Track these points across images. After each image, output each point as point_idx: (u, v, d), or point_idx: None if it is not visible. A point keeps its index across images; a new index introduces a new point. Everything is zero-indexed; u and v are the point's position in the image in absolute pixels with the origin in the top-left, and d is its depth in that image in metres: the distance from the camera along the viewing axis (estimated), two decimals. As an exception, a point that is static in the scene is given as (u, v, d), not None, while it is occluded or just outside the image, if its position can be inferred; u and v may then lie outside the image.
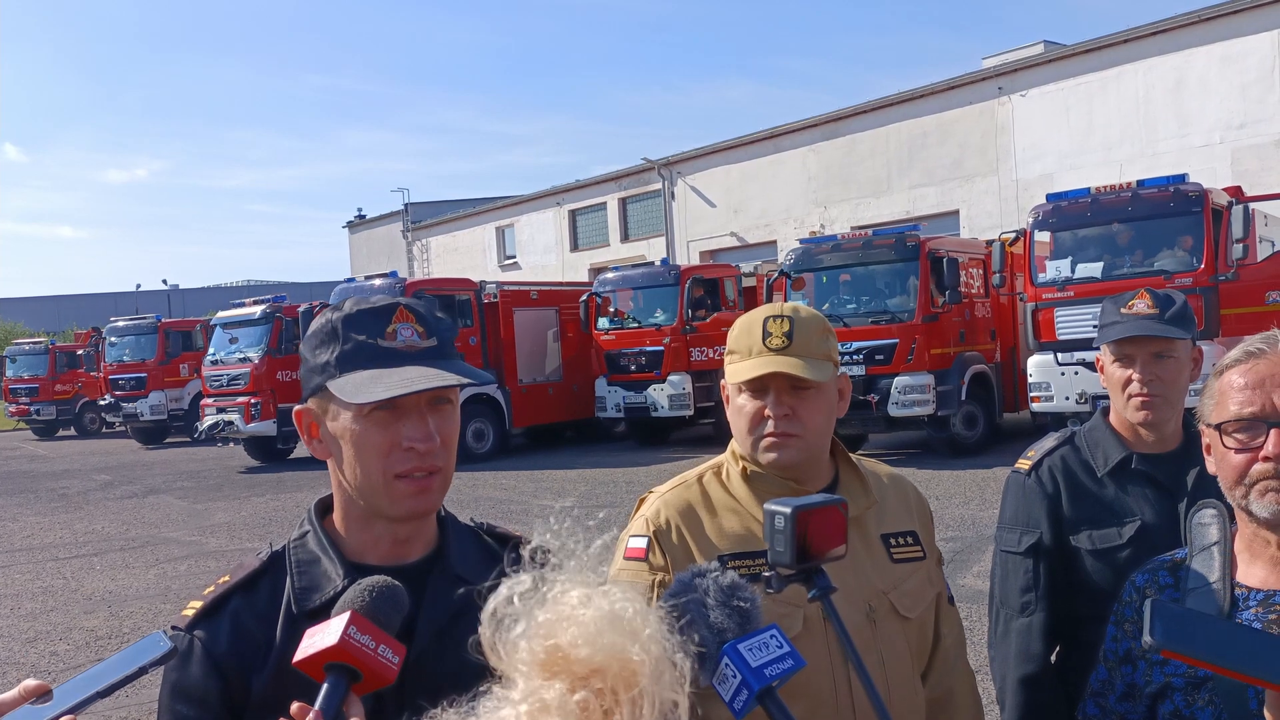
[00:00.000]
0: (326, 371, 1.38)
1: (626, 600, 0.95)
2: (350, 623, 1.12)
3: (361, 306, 1.42)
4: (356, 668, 1.12)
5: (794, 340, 1.77)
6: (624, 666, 0.88)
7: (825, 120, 28.90)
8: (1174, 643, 1.21)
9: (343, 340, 1.38)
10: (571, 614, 0.92)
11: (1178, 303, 2.26)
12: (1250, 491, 1.44)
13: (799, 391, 1.78)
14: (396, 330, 1.39)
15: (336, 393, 1.36)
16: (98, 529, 12.86)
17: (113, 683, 1.13)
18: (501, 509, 12.21)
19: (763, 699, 1.07)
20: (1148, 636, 1.22)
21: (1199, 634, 1.23)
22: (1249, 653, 1.21)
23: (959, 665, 1.98)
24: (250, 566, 1.45)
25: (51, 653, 7.29)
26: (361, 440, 1.37)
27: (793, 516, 1.27)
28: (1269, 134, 20.81)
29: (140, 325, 26.02)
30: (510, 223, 40.21)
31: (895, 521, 1.91)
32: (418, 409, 1.37)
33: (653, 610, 0.94)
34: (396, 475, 1.37)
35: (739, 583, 1.14)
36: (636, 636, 0.89)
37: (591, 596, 0.95)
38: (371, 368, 1.36)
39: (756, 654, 1.08)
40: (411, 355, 1.38)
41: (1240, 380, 1.46)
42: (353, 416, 1.37)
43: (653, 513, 1.85)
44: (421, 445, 1.37)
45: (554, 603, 0.95)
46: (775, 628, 1.12)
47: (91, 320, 38.52)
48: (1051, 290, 12.98)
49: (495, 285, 19.28)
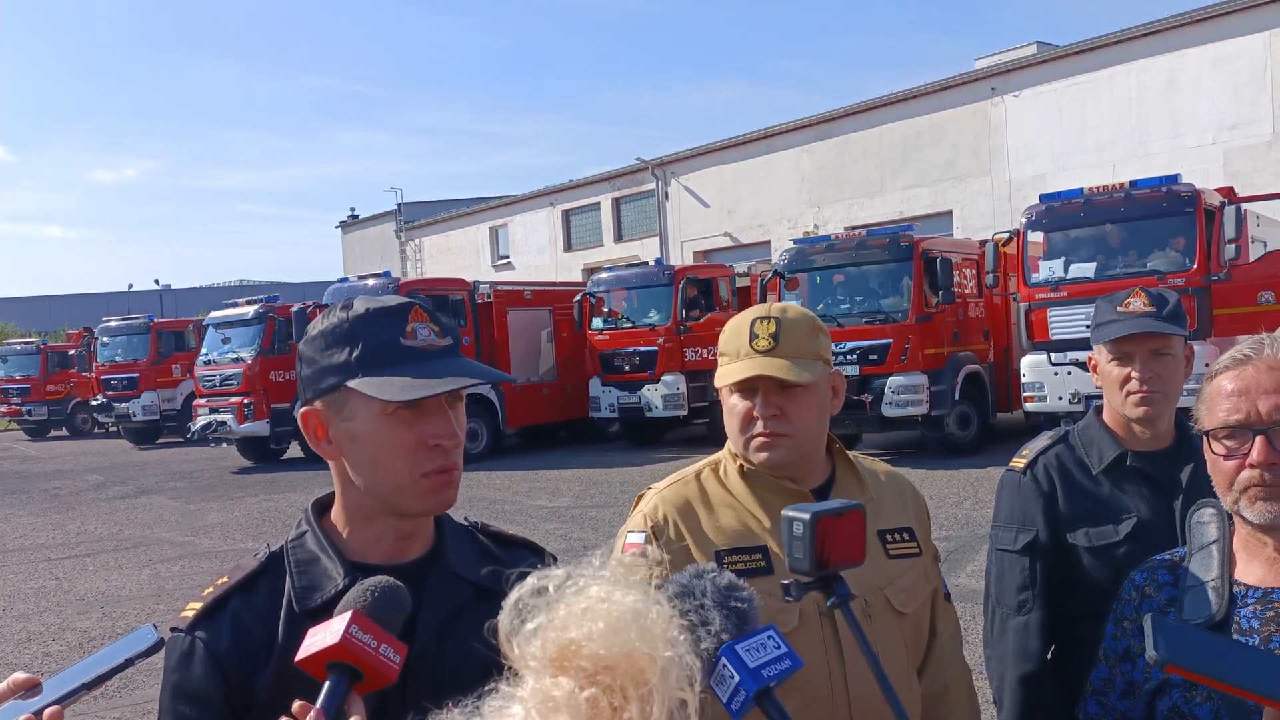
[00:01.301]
0: (346, 371, 1.37)
1: (646, 599, 0.95)
2: (352, 621, 1.12)
3: (374, 306, 1.41)
4: (358, 667, 1.13)
5: (780, 341, 1.79)
6: (633, 664, 0.87)
7: (819, 120, 28.93)
8: (1178, 658, 1.24)
9: (363, 339, 1.38)
10: (590, 608, 0.91)
11: (1172, 301, 2.29)
12: (1241, 498, 1.45)
13: (787, 391, 1.80)
14: (415, 329, 1.40)
15: (371, 392, 1.34)
16: (90, 530, 12.82)
17: (100, 674, 1.14)
18: (496, 509, 12.20)
19: (760, 700, 1.07)
20: (1152, 651, 1.24)
21: (1201, 650, 1.26)
22: (1249, 670, 1.24)
23: (955, 661, 2.00)
24: (248, 567, 1.44)
25: (44, 654, 7.27)
26: (386, 439, 1.37)
27: (812, 523, 1.26)
28: (1261, 135, 20.88)
29: (133, 325, 25.94)
30: (504, 223, 40.19)
31: (892, 518, 1.92)
32: (440, 407, 1.39)
33: (669, 609, 0.93)
34: (423, 474, 1.38)
35: (736, 583, 1.14)
36: (649, 635, 0.88)
37: (612, 593, 0.94)
38: (399, 366, 1.36)
39: (754, 655, 1.08)
40: (435, 354, 1.39)
41: (1229, 386, 1.47)
42: (375, 416, 1.37)
43: (651, 509, 1.87)
44: (448, 442, 1.39)
45: (574, 597, 0.94)
46: (773, 628, 1.12)
47: (83, 320, 38.38)
48: (1045, 290, 13.01)
49: (489, 285, 19.28)
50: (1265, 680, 1.22)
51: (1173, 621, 1.32)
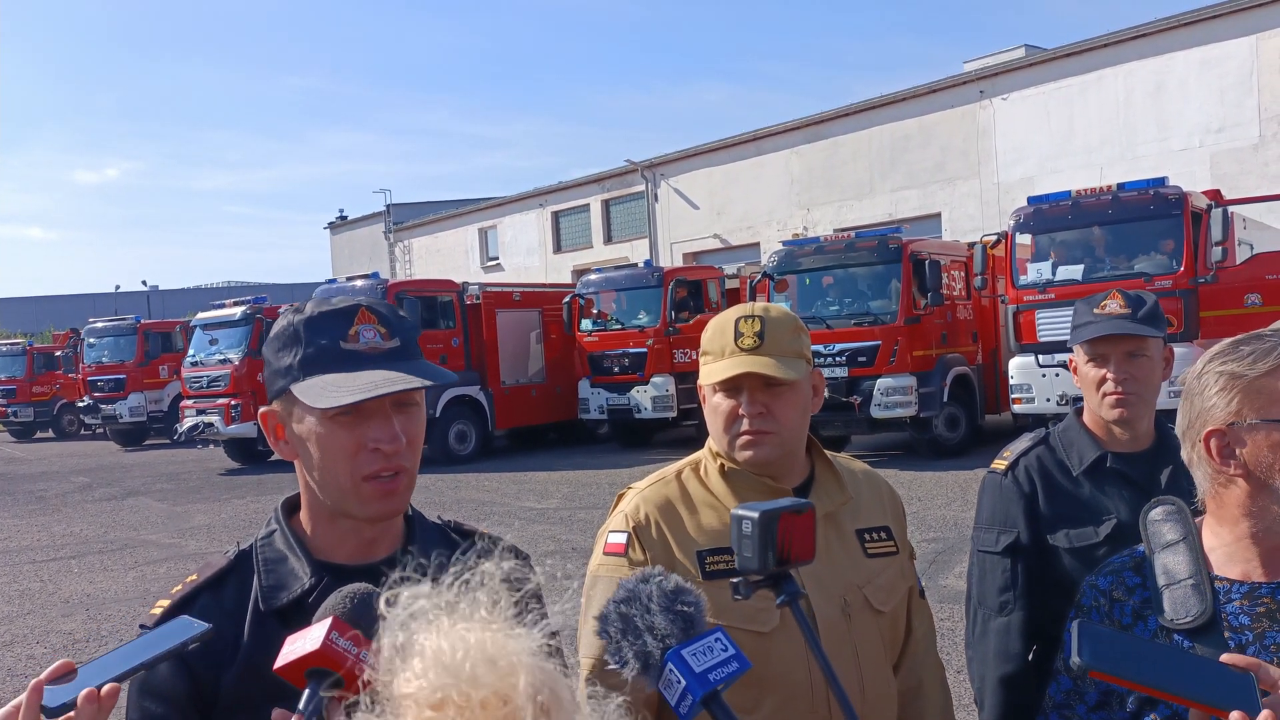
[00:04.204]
0: (290, 374, 1.38)
1: (501, 633, 0.85)
2: (332, 628, 1.11)
3: (322, 308, 1.41)
4: (338, 673, 1.12)
5: (765, 340, 1.80)
6: (502, 696, 0.81)
7: (808, 123, 28.99)
8: (1101, 664, 1.23)
9: (305, 343, 1.38)
10: (442, 648, 0.82)
11: (1149, 303, 2.29)
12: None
13: (772, 389, 1.81)
14: (359, 332, 1.39)
15: (300, 396, 1.35)
16: (76, 531, 12.75)
17: (155, 656, 1.16)
18: (484, 511, 12.18)
19: (708, 703, 1.06)
20: (1075, 657, 1.23)
21: (1126, 655, 1.25)
22: (1173, 672, 1.23)
23: (929, 657, 2.02)
24: (217, 565, 1.45)
25: (29, 656, 7.23)
26: (327, 443, 1.37)
27: (759, 522, 1.26)
28: (1247, 138, 20.99)
29: (119, 326, 25.81)
30: (493, 224, 40.14)
31: (869, 517, 1.94)
32: (382, 411, 1.37)
33: (528, 636, 0.84)
34: (364, 477, 1.37)
35: (683, 587, 1.14)
36: (511, 669, 0.82)
37: (470, 630, 0.84)
38: (335, 370, 1.36)
39: (700, 659, 1.07)
40: (374, 357, 1.38)
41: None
42: (318, 419, 1.37)
43: (632, 508, 1.86)
44: (387, 446, 1.37)
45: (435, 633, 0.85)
46: (720, 630, 1.11)
47: (70, 321, 38.24)
48: (1032, 292, 13.07)
49: (478, 287, 19.24)
50: (1189, 682, 1.22)
51: (1099, 626, 1.31)
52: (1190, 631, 1.45)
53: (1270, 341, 1.48)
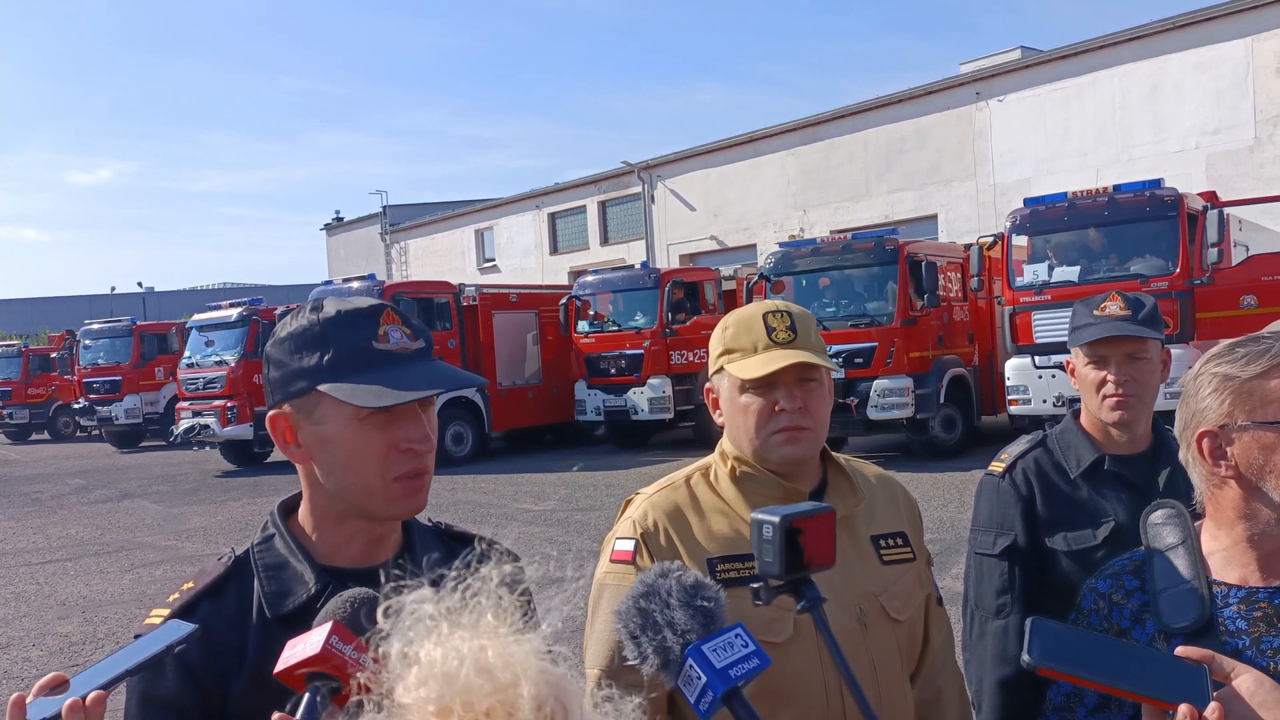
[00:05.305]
0: (316, 375, 1.36)
1: (506, 640, 0.83)
2: (332, 632, 1.11)
3: (345, 308, 1.39)
4: (338, 678, 1.11)
5: (798, 333, 1.76)
6: (507, 707, 0.80)
7: (804, 125, 29.00)
8: (1050, 660, 1.22)
9: (334, 343, 1.36)
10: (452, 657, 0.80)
11: (1148, 305, 2.29)
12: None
13: (805, 385, 1.76)
14: (388, 333, 1.38)
15: (342, 397, 1.33)
16: (72, 534, 12.72)
17: (141, 661, 1.16)
18: (481, 512, 12.17)
19: (728, 700, 1.05)
20: (1025, 656, 1.22)
21: (1078, 651, 1.24)
22: (1126, 669, 1.23)
23: (948, 666, 1.97)
24: (214, 572, 1.42)
25: (25, 659, 7.21)
26: (358, 444, 1.36)
27: (780, 526, 1.24)
28: (1243, 140, 21.03)
29: (115, 328, 25.75)
30: (489, 225, 40.12)
31: (885, 523, 1.88)
32: (413, 411, 1.37)
33: (533, 641, 0.82)
34: (395, 477, 1.37)
35: (703, 582, 1.12)
36: (515, 679, 0.80)
37: (475, 638, 0.82)
38: (371, 371, 1.34)
39: (721, 655, 1.06)
40: (407, 357, 1.38)
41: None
42: (347, 420, 1.35)
43: (640, 515, 1.81)
44: (420, 446, 1.37)
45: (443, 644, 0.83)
46: (740, 626, 1.10)
47: (65, 323, 38.14)
48: (1029, 294, 13.08)
49: (474, 288, 19.23)
50: (1140, 678, 1.21)
51: (1053, 623, 1.31)
52: (1187, 636, 1.44)
53: (1265, 344, 1.48)
